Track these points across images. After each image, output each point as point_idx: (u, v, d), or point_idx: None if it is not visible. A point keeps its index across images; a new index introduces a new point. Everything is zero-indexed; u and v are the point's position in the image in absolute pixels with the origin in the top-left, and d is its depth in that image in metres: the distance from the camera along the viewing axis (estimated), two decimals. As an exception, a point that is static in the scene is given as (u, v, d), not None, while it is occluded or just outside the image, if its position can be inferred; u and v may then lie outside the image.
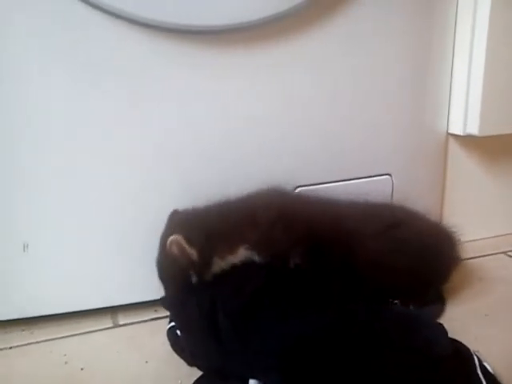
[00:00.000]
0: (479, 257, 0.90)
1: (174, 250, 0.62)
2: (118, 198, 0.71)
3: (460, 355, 0.56)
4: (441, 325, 0.60)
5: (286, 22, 0.71)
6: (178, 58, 0.69)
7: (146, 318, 0.74)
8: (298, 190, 0.78)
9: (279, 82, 0.74)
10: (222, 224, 0.64)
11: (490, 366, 0.56)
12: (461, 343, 0.58)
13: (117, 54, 0.67)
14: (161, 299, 0.69)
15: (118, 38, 0.66)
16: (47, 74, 0.65)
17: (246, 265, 0.64)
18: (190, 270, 0.63)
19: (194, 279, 0.63)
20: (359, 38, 0.77)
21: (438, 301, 0.73)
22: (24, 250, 0.68)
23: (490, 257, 0.90)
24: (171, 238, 0.62)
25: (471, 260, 0.88)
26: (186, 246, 0.62)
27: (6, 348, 0.68)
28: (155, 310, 0.75)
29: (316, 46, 0.74)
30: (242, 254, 0.63)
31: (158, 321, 0.73)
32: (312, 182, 0.78)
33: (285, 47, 0.73)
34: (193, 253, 0.62)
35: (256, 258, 0.63)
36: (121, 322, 0.73)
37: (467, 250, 0.90)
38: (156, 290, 0.70)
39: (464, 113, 0.84)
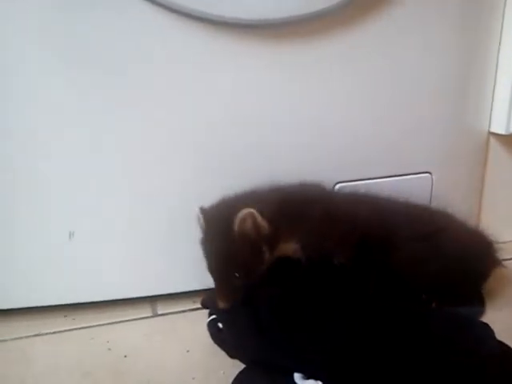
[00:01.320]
0: (517, 258, 0.89)
1: (248, 224, 0.58)
2: (160, 188, 0.72)
3: (507, 357, 0.55)
4: (487, 325, 0.59)
5: (327, 20, 0.70)
6: (221, 51, 0.69)
7: (184, 309, 0.75)
8: (338, 186, 0.78)
9: (321, 79, 0.74)
10: (282, 208, 0.62)
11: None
12: (506, 345, 0.58)
13: (139, 42, 0.66)
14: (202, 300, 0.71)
15: (155, 26, 0.66)
16: (67, 68, 0.65)
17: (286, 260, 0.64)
18: (263, 244, 0.60)
19: (267, 255, 0.61)
20: (401, 36, 0.75)
21: (479, 302, 0.72)
22: (70, 238, 0.70)
23: (529, 258, 0.89)
24: (243, 212, 0.58)
25: (510, 261, 0.87)
26: (259, 218, 0.58)
27: (49, 333, 0.69)
28: (194, 301, 0.75)
29: (356, 45, 0.74)
30: (292, 246, 0.62)
31: (197, 311, 0.73)
32: (352, 179, 0.78)
33: (327, 45, 0.72)
34: (264, 225, 0.59)
35: (300, 252, 0.63)
36: (160, 312, 0.74)
37: (506, 250, 0.89)
38: (195, 281, 0.72)
39: (508, 111, 0.82)
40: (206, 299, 0.70)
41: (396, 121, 0.79)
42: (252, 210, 0.59)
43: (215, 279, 0.62)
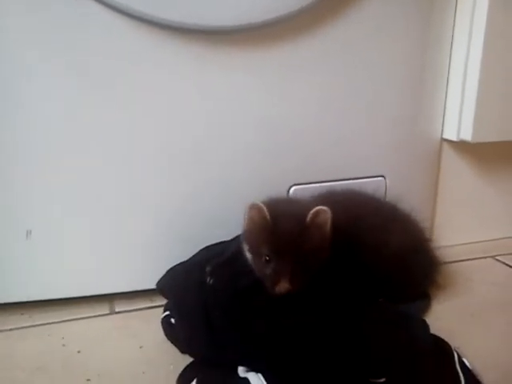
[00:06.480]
0: (469, 260, 0.92)
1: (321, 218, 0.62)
2: (117, 188, 0.74)
3: (441, 350, 0.58)
4: (424, 321, 0.62)
5: (275, 32, 0.73)
6: (190, 57, 0.71)
7: (141, 306, 0.76)
8: (293, 188, 0.80)
9: (276, 83, 0.77)
10: None
11: (470, 363, 0.58)
12: (442, 339, 0.61)
13: (122, 51, 0.69)
14: (157, 283, 0.72)
15: (125, 35, 0.68)
16: (49, 71, 0.68)
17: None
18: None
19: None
20: (357, 44, 0.79)
21: (424, 297, 0.75)
22: (27, 237, 0.71)
23: (479, 260, 0.93)
24: (319, 207, 0.62)
25: (461, 262, 0.91)
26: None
27: (5, 330, 0.70)
28: (151, 299, 0.77)
29: (311, 52, 0.77)
30: None
31: (153, 309, 0.75)
32: (307, 181, 0.81)
33: (282, 52, 0.75)
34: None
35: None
36: (117, 310, 0.76)
37: (457, 252, 0.93)
38: (153, 280, 0.73)
39: (458, 119, 0.86)
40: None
41: (350, 125, 0.83)
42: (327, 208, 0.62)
43: (284, 262, 0.60)
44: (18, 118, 0.68)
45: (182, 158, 0.75)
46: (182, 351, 0.63)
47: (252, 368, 0.55)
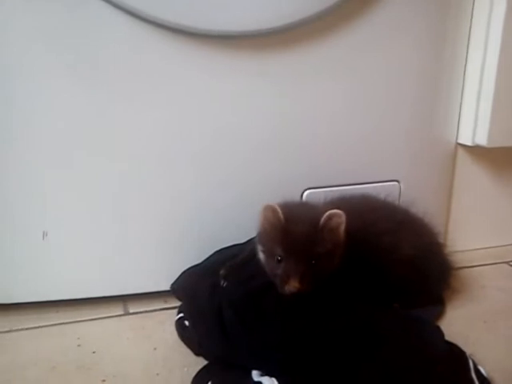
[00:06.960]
0: (482, 265, 0.92)
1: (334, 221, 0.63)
2: (131, 189, 0.74)
3: (455, 357, 0.58)
4: (438, 327, 0.62)
5: (297, 35, 0.74)
6: (201, 60, 0.72)
7: (155, 308, 0.77)
8: (307, 192, 0.80)
9: (293, 87, 0.77)
10: None
11: (485, 370, 0.58)
12: (457, 346, 0.61)
13: (132, 54, 0.70)
14: (172, 285, 0.73)
15: (138, 38, 0.69)
16: (57, 72, 0.68)
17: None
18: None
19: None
20: (372, 49, 0.79)
21: (438, 302, 0.75)
22: (43, 239, 0.72)
23: (492, 266, 0.92)
24: (333, 211, 0.63)
25: (474, 268, 0.90)
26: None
27: (21, 329, 0.71)
28: (165, 301, 0.78)
29: (329, 58, 0.77)
30: None
31: (167, 311, 0.76)
32: (320, 185, 0.81)
33: (297, 56, 0.75)
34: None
35: None
36: (131, 311, 0.76)
37: (471, 257, 0.93)
38: (167, 282, 0.74)
39: (473, 124, 0.86)
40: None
41: (365, 130, 0.82)
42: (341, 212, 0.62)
43: (295, 262, 0.61)
44: (30, 121, 0.69)
45: (195, 161, 0.76)
46: (196, 353, 0.64)
47: (265, 371, 0.56)
